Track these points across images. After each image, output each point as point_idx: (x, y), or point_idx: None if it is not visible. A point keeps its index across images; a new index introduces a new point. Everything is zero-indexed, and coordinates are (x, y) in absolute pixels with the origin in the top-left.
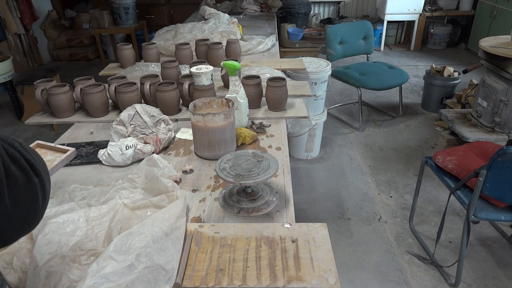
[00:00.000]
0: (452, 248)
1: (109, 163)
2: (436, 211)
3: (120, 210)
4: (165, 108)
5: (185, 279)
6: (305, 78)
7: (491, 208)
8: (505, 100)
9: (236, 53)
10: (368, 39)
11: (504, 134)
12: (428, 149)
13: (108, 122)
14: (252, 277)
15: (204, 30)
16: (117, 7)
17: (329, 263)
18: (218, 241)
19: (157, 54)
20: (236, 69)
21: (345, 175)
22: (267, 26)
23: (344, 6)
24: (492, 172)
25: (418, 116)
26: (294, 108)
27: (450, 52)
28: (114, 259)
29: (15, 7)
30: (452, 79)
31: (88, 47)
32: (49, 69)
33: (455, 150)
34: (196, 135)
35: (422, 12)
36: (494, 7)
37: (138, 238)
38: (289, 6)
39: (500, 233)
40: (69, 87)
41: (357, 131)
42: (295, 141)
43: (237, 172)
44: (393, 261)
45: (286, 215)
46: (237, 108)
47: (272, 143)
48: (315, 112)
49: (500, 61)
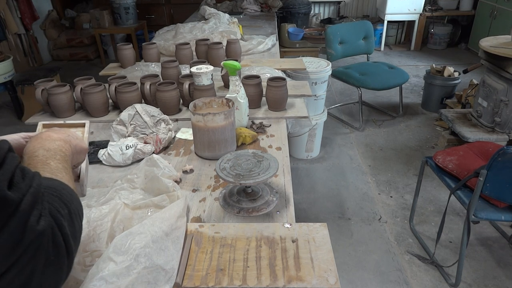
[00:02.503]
0: (452, 248)
1: (109, 163)
2: (436, 211)
3: (121, 210)
4: (165, 108)
5: (185, 279)
6: (305, 78)
7: (491, 208)
8: (505, 100)
9: (236, 53)
10: (368, 39)
11: (504, 134)
12: (428, 149)
13: (108, 122)
14: (252, 277)
15: (204, 30)
16: (117, 7)
17: (329, 263)
18: (218, 241)
19: (157, 54)
20: (236, 69)
21: (345, 175)
22: (267, 26)
23: (344, 6)
24: (492, 172)
25: (418, 116)
26: (294, 108)
27: (450, 52)
28: (113, 260)
29: (15, 7)
30: (452, 79)
31: (88, 47)
32: (49, 69)
33: (455, 150)
34: (196, 135)
35: (422, 12)
36: (494, 7)
37: (137, 238)
38: (289, 6)
39: (500, 233)
40: (69, 87)
41: (357, 131)
42: (295, 141)
43: (237, 172)
44: (393, 261)
45: (286, 215)
46: (237, 108)
47: (272, 143)
48: (315, 112)
49: (500, 61)
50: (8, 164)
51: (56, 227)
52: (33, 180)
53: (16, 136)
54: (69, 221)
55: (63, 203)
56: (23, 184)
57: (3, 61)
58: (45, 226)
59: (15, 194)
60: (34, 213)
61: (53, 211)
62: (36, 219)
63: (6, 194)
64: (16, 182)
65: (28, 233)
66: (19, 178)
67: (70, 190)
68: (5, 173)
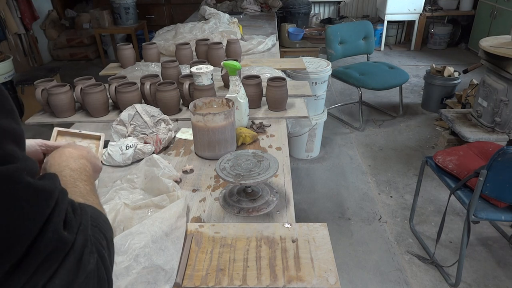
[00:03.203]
0: (452, 248)
1: (110, 163)
2: (436, 211)
3: (122, 210)
4: (165, 108)
5: (186, 279)
6: (305, 78)
7: (492, 208)
8: (505, 100)
9: (236, 53)
10: (369, 39)
11: (504, 134)
12: (428, 149)
13: (108, 122)
14: (252, 277)
15: (204, 30)
16: (118, 7)
17: (329, 263)
18: (218, 241)
19: (157, 54)
20: (236, 69)
21: (345, 175)
22: (267, 26)
23: (344, 6)
24: (493, 172)
25: (419, 116)
26: (294, 108)
27: (450, 52)
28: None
29: (16, 7)
30: (453, 79)
31: (88, 47)
32: (50, 69)
33: (455, 150)
34: (196, 135)
35: (422, 12)
36: (495, 7)
37: (137, 238)
38: (290, 6)
39: (500, 233)
40: (69, 87)
41: (357, 131)
42: (295, 141)
43: (237, 172)
44: (393, 261)
45: (286, 215)
46: (237, 108)
47: (272, 143)
48: (315, 112)
49: (500, 61)
50: (62, 203)
51: (100, 261)
52: (82, 216)
53: (33, 143)
54: (108, 252)
55: (102, 233)
56: (74, 222)
57: (3, 61)
58: (94, 264)
59: (70, 233)
60: (86, 251)
61: (97, 245)
62: (87, 257)
63: (63, 235)
64: (69, 220)
65: (81, 272)
66: (71, 215)
67: (104, 217)
68: (61, 213)
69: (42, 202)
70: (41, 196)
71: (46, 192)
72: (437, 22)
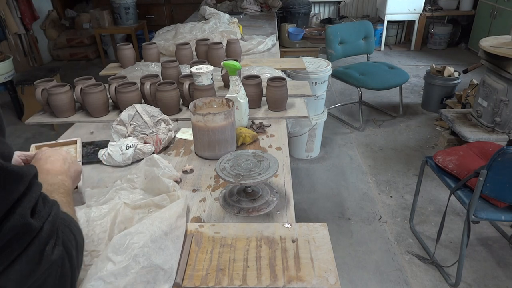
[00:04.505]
0: (452, 248)
1: (109, 163)
2: (436, 211)
3: (121, 210)
4: (165, 108)
5: (185, 279)
6: (305, 78)
7: (492, 208)
8: (505, 100)
9: (236, 53)
10: (368, 39)
11: (504, 134)
12: (428, 149)
13: (108, 122)
14: (252, 277)
15: (205, 30)
16: (118, 7)
17: (329, 263)
18: (218, 241)
19: (157, 54)
20: (236, 69)
21: (345, 175)
22: (267, 26)
23: (344, 6)
24: (493, 172)
25: (419, 116)
26: (294, 108)
27: (450, 52)
28: (111, 260)
29: (16, 7)
30: (453, 79)
31: (88, 47)
32: (50, 69)
33: (455, 150)
34: (196, 135)
35: (422, 12)
36: (495, 7)
37: (136, 237)
38: (290, 6)
39: (500, 233)
40: (69, 87)
41: (357, 131)
42: (295, 141)
43: (237, 172)
44: (393, 261)
45: (286, 215)
46: (237, 108)
47: (272, 143)
48: (315, 112)
49: (500, 61)
50: (33, 192)
51: (67, 257)
52: (52, 209)
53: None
54: (76, 253)
55: (73, 234)
56: (44, 212)
57: (3, 61)
58: (58, 256)
59: (37, 221)
60: (51, 242)
61: (65, 241)
62: (51, 248)
63: (29, 222)
64: (38, 210)
65: (44, 261)
66: (41, 205)
67: (76, 224)
68: (30, 200)
69: (12, 185)
70: (11, 178)
71: (17, 175)
72: (437, 22)
